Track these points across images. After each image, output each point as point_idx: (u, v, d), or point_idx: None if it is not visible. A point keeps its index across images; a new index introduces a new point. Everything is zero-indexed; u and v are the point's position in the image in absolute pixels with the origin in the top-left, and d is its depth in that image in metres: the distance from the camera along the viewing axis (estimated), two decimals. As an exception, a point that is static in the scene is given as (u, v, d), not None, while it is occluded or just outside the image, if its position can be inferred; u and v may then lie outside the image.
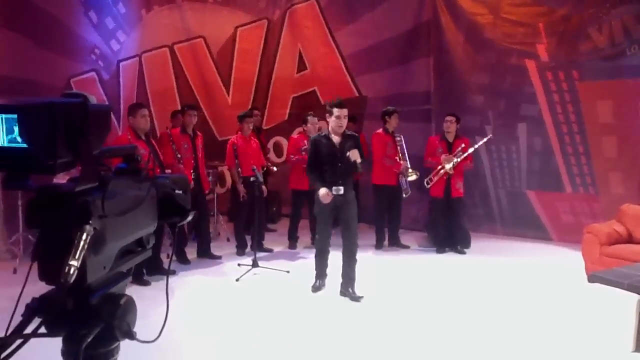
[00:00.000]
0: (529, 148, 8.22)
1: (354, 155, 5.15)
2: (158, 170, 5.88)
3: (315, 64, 9.52)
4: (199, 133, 6.89)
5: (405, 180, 7.38)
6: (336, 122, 5.25)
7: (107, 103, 8.23)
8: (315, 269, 5.71)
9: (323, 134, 5.45)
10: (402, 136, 7.49)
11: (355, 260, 5.47)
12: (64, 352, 1.27)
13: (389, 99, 8.48)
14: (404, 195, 7.46)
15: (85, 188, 1.19)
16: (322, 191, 5.23)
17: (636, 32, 7.26)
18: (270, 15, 9.67)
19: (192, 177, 6.55)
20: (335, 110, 5.22)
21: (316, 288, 5.67)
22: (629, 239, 6.17)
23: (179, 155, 6.50)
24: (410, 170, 7.26)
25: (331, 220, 5.49)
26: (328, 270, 5.73)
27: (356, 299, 5.40)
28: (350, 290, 5.45)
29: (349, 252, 5.44)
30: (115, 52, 8.93)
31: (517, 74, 8.13)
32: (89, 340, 1.24)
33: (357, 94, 9.18)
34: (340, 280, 5.51)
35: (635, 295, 4.17)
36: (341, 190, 5.27)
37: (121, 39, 8.98)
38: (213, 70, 9.74)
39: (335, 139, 5.34)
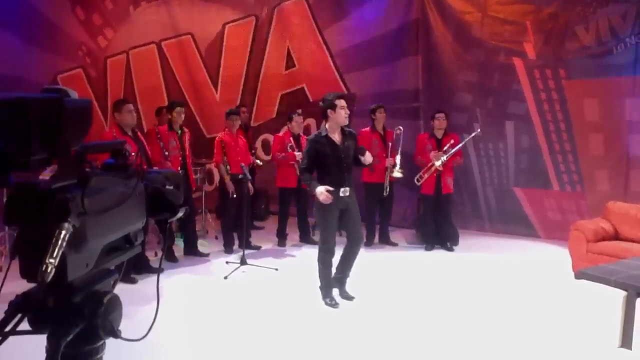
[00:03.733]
0: (516, 146, 8.27)
1: (368, 158, 5.09)
2: (145, 166, 5.87)
3: (304, 61, 9.49)
4: (186, 130, 6.85)
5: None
6: (342, 113, 4.99)
7: (92, 99, 8.16)
8: (322, 287, 5.26)
9: (323, 134, 5.08)
10: (401, 128, 7.44)
11: (354, 261, 5.33)
12: (47, 349, 1.25)
13: (377, 97, 8.48)
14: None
15: (64, 185, 1.17)
16: (320, 190, 4.91)
17: (622, 30, 7.31)
18: (259, 12, 9.63)
19: (181, 174, 6.52)
20: (339, 102, 4.99)
21: (332, 304, 5.19)
22: (615, 236, 6.22)
23: (166, 153, 6.48)
24: (397, 168, 7.23)
25: (336, 229, 5.17)
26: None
27: (349, 297, 5.35)
28: (343, 289, 5.39)
29: (352, 254, 5.25)
30: (103, 49, 8.87)
31: (505, 72, 8.17)
32: (69, 338, 1.23)
33: (345, 92, 9.16)
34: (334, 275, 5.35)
35: (621, 292, 4.20)
36: (347, 191, 5.04)
37: (108, 35, 8.92)
38: (201, 67, 9.69)
39: (336, 137, 5.07)
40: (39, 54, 7.78)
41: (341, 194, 5.01)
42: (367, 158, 5.10)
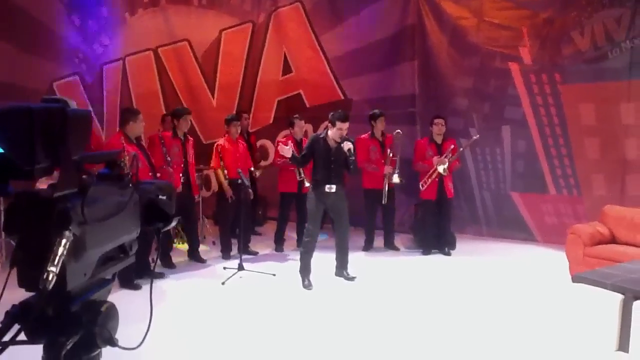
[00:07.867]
0: (513, 150, 8.28)
1: (347, 145, 5.64)
2: (150, 174, 5.89)
3: (301, 67, 9.50)
4: (189, 137, 6.87)
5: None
6: (338, 133, 5.73)
7: (89, 107, 8.15)
8: (301, 270, 5.93)
9: (322, 135, 5.91)
10: (400, 132, 7.48)
11: (347, 248, 6.11)
12: (44, 359, 1.25)
13: (374, 102, 8.49)
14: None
15: (64, 194, 1.18)
16: (285, 148, 5.82)
17: (618, 35, 7.34)
18: (255, 18, 9.63)
19: (182, 180, 6.56)
20: (339, 124, 5.71)
21: (307, 286, 5.86)
22: (612, 240, 6.24)
23: (168, 159, 6.48)
24: (396, 174, 7.24)
25: (320, 221, 5.97)
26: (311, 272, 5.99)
27: (350, 278, 6.08)
28: (345, 272, 6.11)
29: (342, 242, 6.06)
30: (99, 56, 8.86)
31: (501, 77, 8.19)
32: (68, 347, 1.23)
33: (342, 97, 9.17)
34: (334, 271, 6.17)
35: (618, 295, 4.20)
36: (333, 188, 5.76)
37: (105, 42, 8.92)
38: (198, 73, 9.69)
39: (332, 143, 5.83)
40: (35, 61, 7.77)
41: (327, 190, 5.76)
42: (346, 145, 5.66)
